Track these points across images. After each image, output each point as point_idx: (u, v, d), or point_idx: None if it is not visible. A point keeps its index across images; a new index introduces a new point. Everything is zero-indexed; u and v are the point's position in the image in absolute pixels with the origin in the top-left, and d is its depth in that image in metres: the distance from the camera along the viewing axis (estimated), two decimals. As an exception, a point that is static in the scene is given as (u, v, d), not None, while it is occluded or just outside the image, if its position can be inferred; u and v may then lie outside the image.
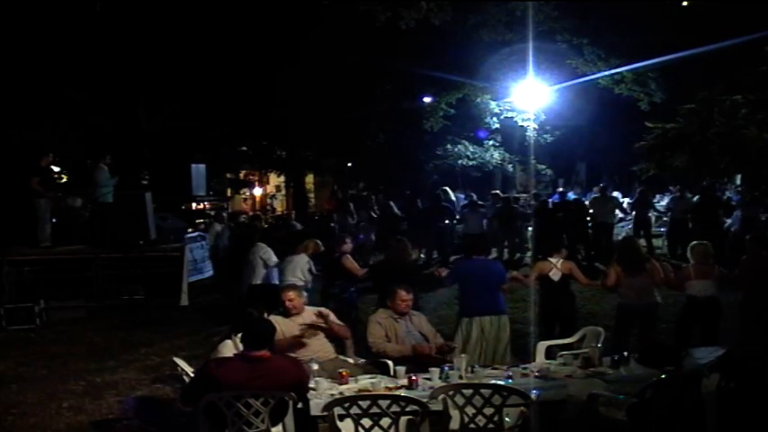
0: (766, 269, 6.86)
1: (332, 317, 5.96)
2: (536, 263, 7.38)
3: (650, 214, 15.54)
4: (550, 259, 7.11)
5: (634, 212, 15.22)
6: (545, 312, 7.15)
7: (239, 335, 4.85)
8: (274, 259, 8.92)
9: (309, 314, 5.83)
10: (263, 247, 9.02)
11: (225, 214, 16.22)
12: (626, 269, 6.77)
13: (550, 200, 17.20)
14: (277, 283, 8.66)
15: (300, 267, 8.15)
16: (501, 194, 16.34)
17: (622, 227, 15.93)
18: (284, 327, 5.62)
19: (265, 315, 5.75)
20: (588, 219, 14.57)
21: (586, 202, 15.53)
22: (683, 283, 6.86)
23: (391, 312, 5.86)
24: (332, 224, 16.22)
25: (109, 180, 11.26)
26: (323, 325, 5.73)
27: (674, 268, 7.33)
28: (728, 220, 14.42)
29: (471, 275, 6.76)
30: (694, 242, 7.11)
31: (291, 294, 5.82)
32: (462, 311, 6.76)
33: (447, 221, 14.71)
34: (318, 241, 8.75)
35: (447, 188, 17.22)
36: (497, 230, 14.39)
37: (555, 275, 6.98)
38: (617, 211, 15.53)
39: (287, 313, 5.76)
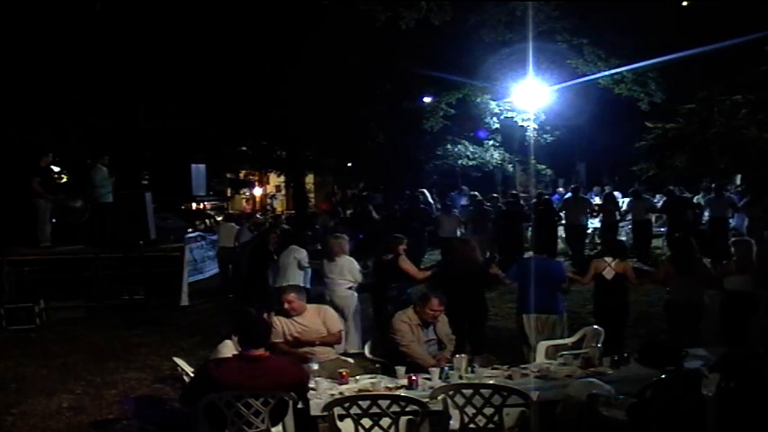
0: None
1: (330, 313, 5.93)
2: (592, 262, 7.43)
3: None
4: (606, 258, 7.23)
5: (601, 215, 15.12)
6: (598, 310, 7.26)
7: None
8: (306, 262, 8.70)
9: (311, 313, 5.80)
10: (297, 250, 8.76)
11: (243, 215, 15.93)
12: (679, 267, 6.82)
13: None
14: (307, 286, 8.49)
15: (348, 268, 7.84)
16: (477, 197, 16.27)
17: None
18: (286, 327, 5.65)
19: (267, 314, 5.68)
20: (557, 220, 14.58)
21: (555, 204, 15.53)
22: (723, 279, 6.89)
23: (417, 318, 5.69)
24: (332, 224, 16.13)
25: (107, 180, 11.25)
26: (323, 333, 5.71)
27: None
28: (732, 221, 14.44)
29: (531, 273, 6.81)
30: (737, 238, 7.23)
31: (292, 296, 5.75)
32: (520, 309, 6.82)
33: (427, 225, 14.55)
34: (340, 236, 8.50)
35: (424, 190, 16.93)
36: (471, 233, 14.26)
37: (608, 274, 7.07)
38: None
39: (286, 313, 5.72)
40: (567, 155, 24.75)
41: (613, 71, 15.85)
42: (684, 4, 16.35)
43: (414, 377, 4.85)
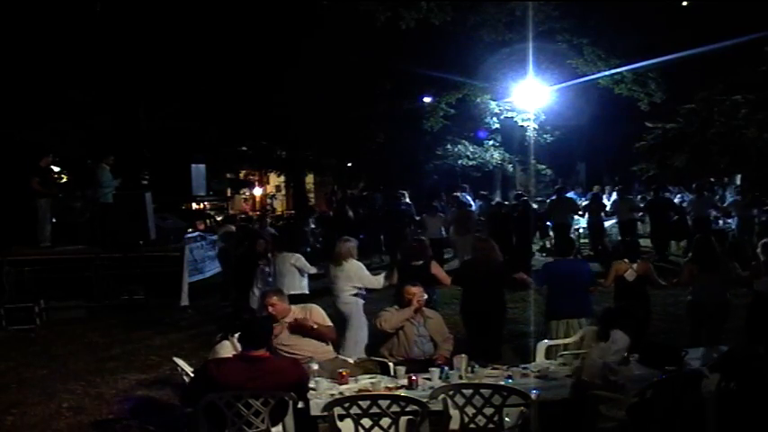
0: None
1: (316, 311, 5.77)
2: (613, 264, 7.24)
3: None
4: (627, 260, 7.07)
5: (587, 215, 15.12)
6: None
7: (237, 335, 4.83)
8: (310, 268, 8.32)
9: (297, 315, 5.69)
10: (291, 256, 8.26)
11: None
12: (702, 267, 6.73)
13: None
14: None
15: (356, 274, 7.40)
16: (459, 198, 16.24)
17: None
18: (276, 330, 5.46)
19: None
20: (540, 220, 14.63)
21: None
22: (753, 280, 6.74)
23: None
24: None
25: (111, 181, 11.27)
26: (312, 324, 5.60)
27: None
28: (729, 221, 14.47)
29: (559, 277, 6.72)
30: (766, 239, 7.04)
31: (274, 299, 5.63)
32: (549, 314, 6.70)
33: (412, 225, 14.47)
34: (348, 239, 7.92)
35: (404, 192, 16.64)
36: (454, 235, 14.25)
37: (630, 276, 6.92)
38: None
39: (272, 319, 5.51)
40: (567, 155, 24.75)
41: (613, 71, 15.85)
42: (684, 4, 16.35)
43: (414, 377, 4.86)
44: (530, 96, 16.85)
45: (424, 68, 16.79)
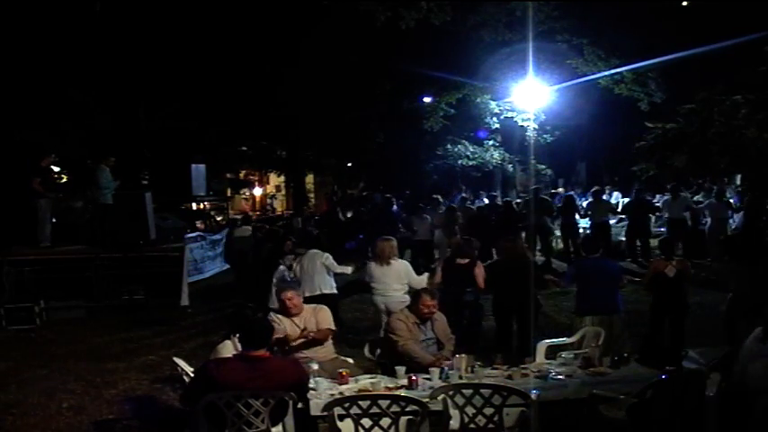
0: None
1: (324, 312, 5.86)
2: (651, 262, 7.38)
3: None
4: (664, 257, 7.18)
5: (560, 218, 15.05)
6: (656, 307, 7.19)
7: (238, 335, 4.84)
8: (336, 267, 8.33)
9: (307, 313, 5.80)
10: (321, 254, 8.26)
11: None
12: (741, 262, 6.85)
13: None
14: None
15: (405, 272, 7.45)
16: (440, 200, 16.16)
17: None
18: (288, 326, 5.64)
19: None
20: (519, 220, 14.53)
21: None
22: None
23: (414, 317, 5.69)
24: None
25: (111, 182, 11.27)
26: (313, 331, 5.69)
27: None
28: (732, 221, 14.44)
29: (588, 274, 6.85)
30: None
31: (290, 293, 5.77)
32: (578, 309, 6.84)
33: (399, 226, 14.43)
34: (390, 238, 7.91)
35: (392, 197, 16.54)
36: (441, 237, 14.19)
37: (670, 272, 7.00)
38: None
39: (287, 312, 5.71)
40: (567, 155, 24.76)
41: (613, 71, 15.84)
42: (684, 4, 16.35)
43: (414, 377, 4.85)
44: (530, 96, 16.80)
45: (424, 68, 16.79)
